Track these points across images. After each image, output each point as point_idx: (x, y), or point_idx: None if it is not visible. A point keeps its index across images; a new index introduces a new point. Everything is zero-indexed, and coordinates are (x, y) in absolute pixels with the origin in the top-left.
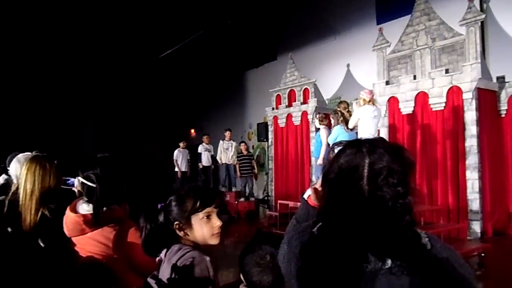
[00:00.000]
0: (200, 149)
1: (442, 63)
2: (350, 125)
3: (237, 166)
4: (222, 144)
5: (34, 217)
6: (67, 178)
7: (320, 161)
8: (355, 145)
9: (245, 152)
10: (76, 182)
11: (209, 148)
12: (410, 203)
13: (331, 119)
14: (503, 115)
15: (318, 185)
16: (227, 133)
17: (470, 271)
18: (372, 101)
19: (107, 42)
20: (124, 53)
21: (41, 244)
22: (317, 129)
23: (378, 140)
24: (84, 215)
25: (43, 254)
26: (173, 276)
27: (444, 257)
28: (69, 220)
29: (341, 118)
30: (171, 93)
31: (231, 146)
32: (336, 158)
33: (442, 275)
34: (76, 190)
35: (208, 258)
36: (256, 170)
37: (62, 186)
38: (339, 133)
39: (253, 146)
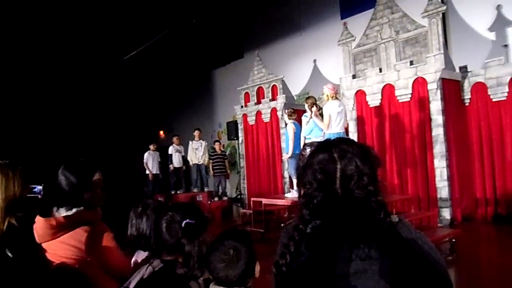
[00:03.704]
0: (171, 150)
1: (407, 55)
2: (325, 127)
3: (210, 164)
4: (191, 144)
5: (0, 226)
6: (34, 186)
7: (288, 155)
8: (326, 150)
9: (219, 151)
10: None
11: (180, 149)
12: (382, 198)
13: (309, 110)
14: (467, 104)
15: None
16: (196, 133)
17: (439, 254)
18: (335, 96)
19: (71, 45)
20: (89, 55)
21: (9, 254)
22: (287, 125)
23: (347, 144)
24: (54, 218)
25: (12, 264)
26: None
27: (411, 238)
28: (39, 225)
29: (319, 112)
30: (138, 95)
31: (201, 146)
32: (310, 162)
33: (412, 257)
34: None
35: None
36: (228, 170)
37: (28, 195)
38: (315, 125)
39: (223, 145)
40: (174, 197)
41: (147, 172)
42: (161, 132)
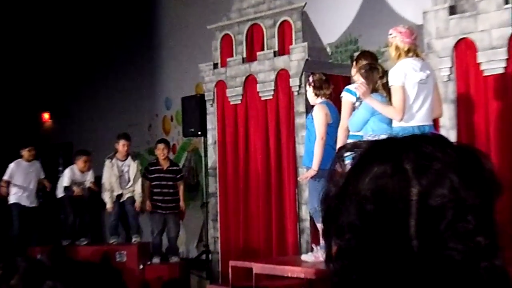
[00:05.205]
0: (67, 178)
1: None
2: (398, 113)
3: (147, 188)
4: (110, 167)
5: None
6: None
7: (312, 172)
8: (388, 158)
9: (164, 164)
10: None
11: (84, 179)
12: (502, 264)
13: (361, 77)
14: None
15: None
16: (122, 144)
17: None
18: (415, 51)
19: None
20: None
21: None
22: (311, 108)
23: (434, 145)
24: None
25: None
26: None
27: None
28: None
29: (383, 81)
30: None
31: (128, 172)
32: (353, 182)
33: None
34: None
35: None
36: (183, 202)
37: None
38: (373, 113)
39: (174, 148)
40: (67, 253)
41: (11, 201)
42: (46, 116)
